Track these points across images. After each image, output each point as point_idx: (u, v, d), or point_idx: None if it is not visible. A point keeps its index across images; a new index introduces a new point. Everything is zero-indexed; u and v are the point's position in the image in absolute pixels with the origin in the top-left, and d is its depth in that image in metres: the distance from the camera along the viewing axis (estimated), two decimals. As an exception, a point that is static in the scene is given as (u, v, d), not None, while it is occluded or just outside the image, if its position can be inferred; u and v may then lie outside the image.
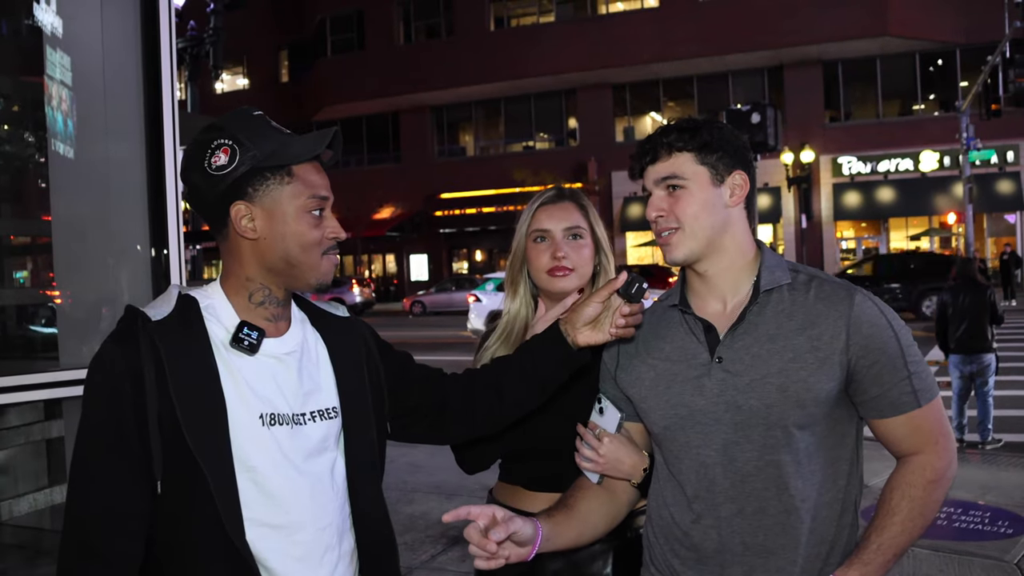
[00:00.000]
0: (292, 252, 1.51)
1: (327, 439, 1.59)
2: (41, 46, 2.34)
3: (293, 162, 1.51)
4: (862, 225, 31.40)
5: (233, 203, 1.49)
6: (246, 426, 1.47)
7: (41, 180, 2.46)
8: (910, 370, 1.62)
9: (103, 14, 2.44)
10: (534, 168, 30.32)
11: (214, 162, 1.47)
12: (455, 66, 32.89)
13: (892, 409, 1.63)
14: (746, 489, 1.65)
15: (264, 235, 1.50)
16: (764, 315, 1.67)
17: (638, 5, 32.32)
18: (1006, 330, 15.54)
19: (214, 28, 9.53)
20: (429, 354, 17.13)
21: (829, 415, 1.64)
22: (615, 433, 1.84)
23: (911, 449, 1.65)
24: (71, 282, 2.47)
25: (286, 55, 39.72)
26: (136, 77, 2.40)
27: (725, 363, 1.66)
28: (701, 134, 1.69)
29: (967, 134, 23.41)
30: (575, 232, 2.17)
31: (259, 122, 1.53)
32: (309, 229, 1.52)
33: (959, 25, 27.99)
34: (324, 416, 1.59)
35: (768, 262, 1.71)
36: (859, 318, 1.61)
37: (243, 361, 1.50)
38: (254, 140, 1.49)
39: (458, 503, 6.10)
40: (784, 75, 30.51)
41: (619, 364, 1.85)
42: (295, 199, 1.51)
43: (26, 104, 2.49)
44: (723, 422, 1.66)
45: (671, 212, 1.69)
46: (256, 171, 1.48)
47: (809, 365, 1.61)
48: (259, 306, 1.55)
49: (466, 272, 35.42)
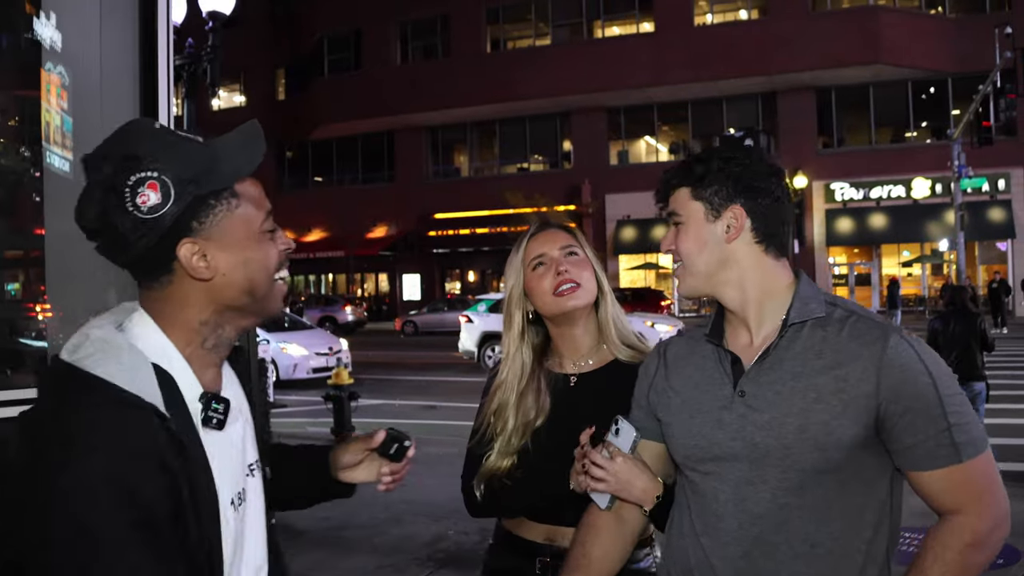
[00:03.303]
0: (257, 281, 1.31)
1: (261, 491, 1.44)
2: (38, 60, 2.34)
3: (235, 181, 1.29)
4: (855, 251, 31.54)
5: (179, 244, 1.24)
6: (224, 513, 1.28)
7: (36, 194, 2.44)
8: (950, 421, 1.48)
9: (102, 29, 2.45)
10: (528, 190, 30.41)
11: (142, 203, 1.20)
12: (451, 87, 33.05)
13: (928, 462, 1.50)
14: (753, 531, 1.57)
15: (222, 271, 1.27)
16: (792, 350, 1.58)
17: (634, 30, 32.58)
18: (999, 358, 15.58)
19: (212, 46, 9.55)
20: (421, 374, 17.10)
21: (854, 461, 1.53)
22: (629, 453, 1.77)
23: (951, 507, 1.52)
24: (62, 296, 2.45)
25: (283, 73, 39.85)
26: (133, 93, 2.41)
27: (747, 398, 1.59)
28: (694, 169, 1.65)
29: (959, 162, 23.57)
30: (571, 250, 2.16)
31: (169, 136, 1.28)
32: (269, 249, 1.33)
33: (951, 54, 28.28)
34: (259, 467, 1.44)
35: (802, 293, 1.62)
36: (891, 361, 1.50)
37: (212, 437, 1.28)
38: (180, 163, 1.23)
39: (447, 525, 6.08)
40: (778, 101, 30.74)
41: (653, 384, 1.80)
42: (250, 224, 1.30)
43: (23, 118, 2.48)
44: (739, 458, 1.59)
45: (675, 247, 1.69)
46: (198, 200, 1.24)
47: (832, 407, 1.51)
48: (212, 351, 1.33)
49: (459, 293, 35.40)
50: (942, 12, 30.08)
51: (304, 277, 39.88)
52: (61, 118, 2.40)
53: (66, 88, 2.41)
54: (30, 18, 2.34)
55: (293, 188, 38.29)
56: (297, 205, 36.52)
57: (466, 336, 17.88)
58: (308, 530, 5.90)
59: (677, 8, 31.00)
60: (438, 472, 7.94)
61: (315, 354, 15.68)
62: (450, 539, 5.75)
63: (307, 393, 13.71)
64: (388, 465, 1.61)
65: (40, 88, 2.36)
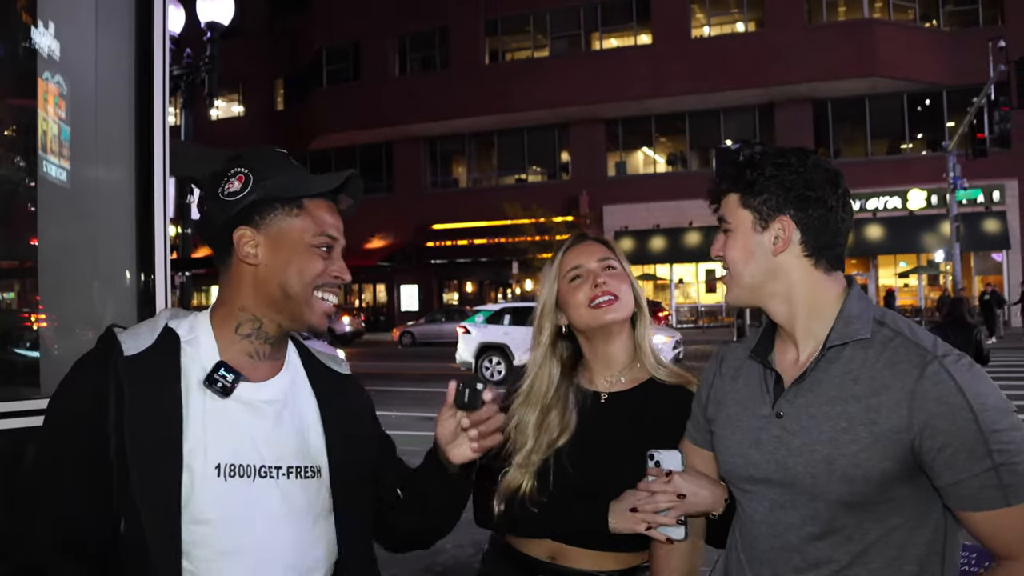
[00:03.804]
0: (292, 283, 1.47)
1: (307, 498, 1.49)
2: (35, 70, 2.33)
3: (304, 195, 1.50)
4: (851, 262, 31.53)
5: (237, 228, 1.47)
6: (202, 477, 1.39)
7: (31, 204, 2.44)
8: (995, 460, 1.35)
9: (98, 39, 2.45)
10: (526, 201, 30.45)
11: (227, 188, 1.48)
12: (449, 98, 33.11)
13: (973, 504, 1.38)
14: (784, 556, 1.51)
15: (266, 262, 1.47)
16: (831, 373, 1.50)
17: (631, 42, 32.67)
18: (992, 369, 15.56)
19: (210, 56, 9.57)
20: (418, 385, 17.05)
21: (890, 497, 1.43)
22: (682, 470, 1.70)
23: (1001, 552, 1.40)
24: (56, 306, 2.44)
25: (282, 84, 39.94)
26: (129, 103, 2.40)
27: (784, 420, 1.53)
28: (745, 174, 1.58)
29: (954, 173, 23.66)
30: (609, 263, 2.08)
31: (279, 158, 1.54)
32: (313, 262, 1.49)
33: (946, 67, 28.40)
34: (301, 474, 1.49)
35: (847, 312, 1.53)
36: (926, 393, 1.39)
37: (214, 404, 1.43)
38: (270, 172, 1.49)
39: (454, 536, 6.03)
40: (775, 113, 30.82)
41: (711, 393, 1.74)
42: (303, 232, 1.49)
43: (18, 127, 2.48)
44: (773, 482, 1.53)
45: (723, 254, 1.62)
46: (265, 200, 1.48)
47: (862, 439, 1.42)
48: (245, 338, 1.50)
49: (456, 304, 35.37)
50: (937, 25, 30.22)
51: (301, 288, 39.81)
52: (58, 127, 2.40)
53: (64, 97, 2.41)
54: (28, 27, 2.34)
55: None
56: (295, 216, 36.46)
57: (463, 347, 17.84)
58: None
59: (675, 20, 31.11)
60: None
61: (312, 365, 15.55)
62: (447, 552, 5.72)
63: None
64: (467, 418, 1.50)
65: (37, 97, 2.35)
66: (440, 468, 1.56)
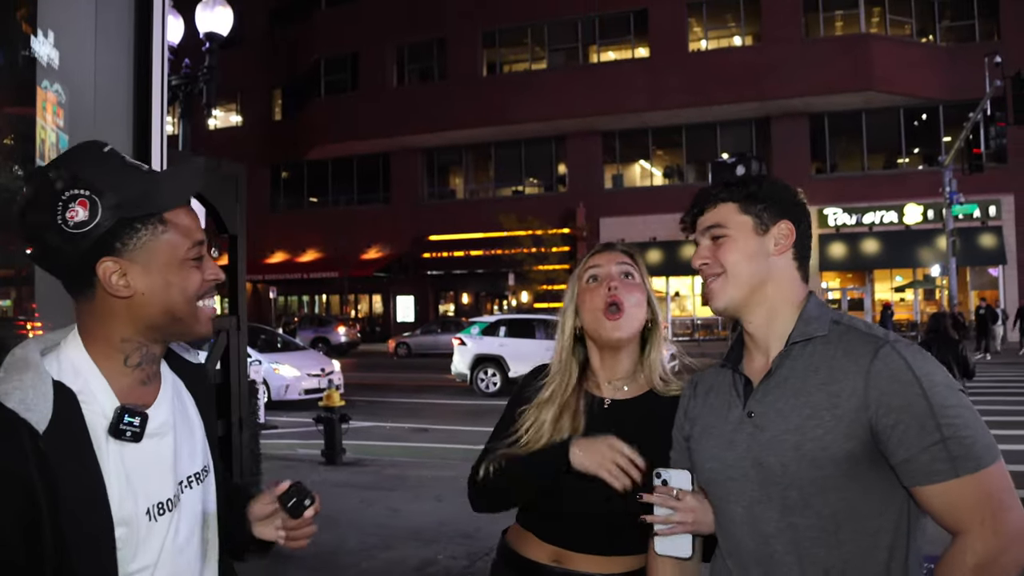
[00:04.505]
0: (176, 304, 1.37)
1: (204, 501, 1.49)
2: (34, 78, 2.34)
3: (165, 209, 1.36)
4: (848, 276, 31.62)
5: (99, 261, 1.31)
6: (134, 527, 1.32)
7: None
8: (944, 434, 1.44)
9: (97, 48, 2.46)
10: (522, 213, 30.50)
11: (71, 218, 1.28)
12: (447, 109, 33.20)
13: (924, 477, 1.46)
14: (768, 551, 1.58)
15: (142, 290, 1.34)
16: (795, 369, 1.60)
17: (629, 55, 32.81)
18: (986, 383, 15.60)
19: (209, 66, 9.58)
20: (413, 396, 17.04)
21: (857, 479, 1.51)
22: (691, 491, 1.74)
23: (954, 526, 1.46)
24: (52, 315, 2.44)
25: (280, 94, 40.01)
26: (127, 111, 2.41)
27: (755, 418, 1.62)
28: (747, 186, 1.69)
29: (950, 188, 23.74)
30: (627, 271, 2.12)
31: (114, 161, 1.35)
32: (191, 275, 1.38)
33: (942, 82, 28.54)
34: (198, 480, 1.47)
35: (807, 313, 1.65)
36: (879, 372, 1.49)
37: (126, 450, 1.33)
38: (115, 186, 1.30)
39: (436, 549, 6.04)
40: (771, 126, 30.94)
41: (687, 415, 1.83)
42: (175, 249, 1.36)
43: (16, 136, 2.48)
44: (749, 479, 1.61)
45: (714, 258, 1.69)
46: (124, 223, 1.31)
47: (826, 423, 1.51)
48: (136, 368, 1.39)
49: (452, 315, 35.37)
50: (933, 41, 30.38)
51: (298, 298, 39.83)
52: (56, 135, 2.40)
53: (62, 106, 2.42)
54: (27, 36, 2.34)
55: (288, 208, 38.36)
56: (292, 225, 36.54)
57: (459, 359, 17.84)
58: (296, 555, 5.85)
59: (672, 34, 31.27)
60: (428, 496, 7.90)
61: (307, 375, 15.53)
62: (439, 564, 5.70)
63: (298, 414, 13.64)
64: (287, 519, 1.55)
65: (36, 106, 2.36)
66: (244, 523, 1.61)
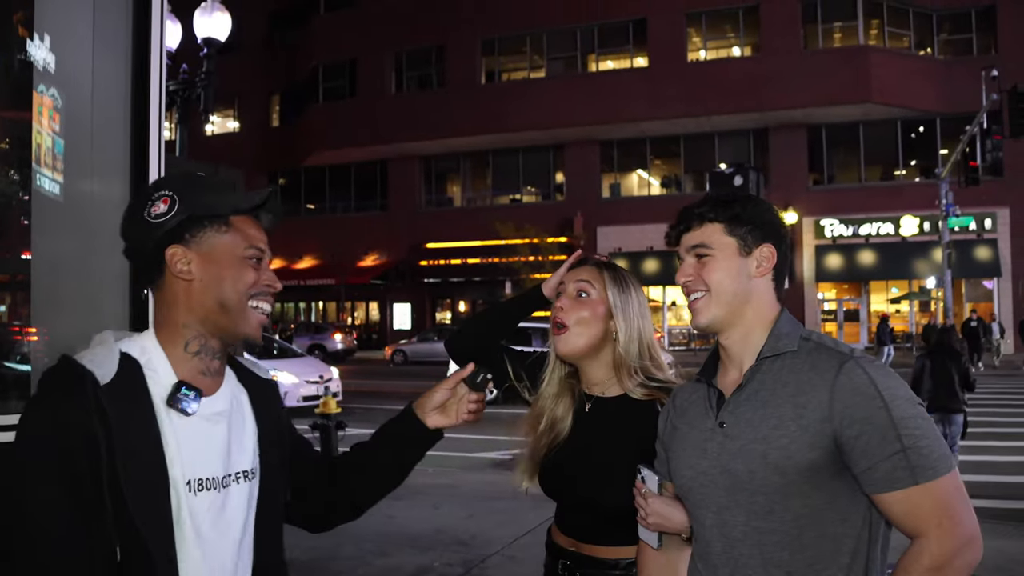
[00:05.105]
0: (228, 295, 1.53)
1: (248, 500, 1.59)
2: (30, 82, 2.33)
3: (231, 213, 1.56)
4: (844, 287, 31.67)
5: (168, 246, 1.52)
6: (182, 494, 1.45)
7: (24, 217, 2.43)
8: (904, 444, 1.52)
9: (95, 53, 2.45)
10: (520, 221, 30.52)
11: (153, 211, 1.52)
12: (445, 117, 33.24)
13: (885, 485, 1.54)
14: (734, 555, 1.67)
15: (200, 277, 1.52)
16: (765, 382, 1.68)
17: (628, 64, 32.90)
18: (982, 395, 15.60)
19: (206, 72, 9.58)
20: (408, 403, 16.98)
21: (820, 487, 1.59)
22: (657, 493, 1.90)
23: (912, 531, 1.55)
24: (48, 320, 2.43)
25: (278, 100, 40.04)
26: (124, 116, 2.40)
27: (726, 428, 1.70)
28: (732, 207, 1.76)
29: (946, 201, 23.80)
30: (581, 289, 2.26)
31: (200, 180, 1.61)
32: (246, 272, 1.55)
33: (939, 95, 28.66)
34: (245, 478, 1.58)
35: (778, 330, 1.73)
36: (843, 386, 1.57)
37: (180, 421, 1.48)
38: (194, 192, 1.54)
39: (432, 557, 6.02)
40: (769, 137, 31.02)
41: (665, 429, 1.93)
42: (234, 247, 1.55)
43: (12, 140, 2.47)
44: (718, 485, 1.69)
45: (698, 277, 1.76)
46: (194, 219, 1.53)
47: (791, 432, 1.59)
48: (195, 356, 1.54)
49: (449, 322, 35.35)
50: (931, 54, 30.52)
51: (295, 304, 39.78)
52: (52, 140, 2.39)
53: (58, 110, 2.41)
54: (23, 40, 2.34)
55: (285, 215, 36.48)
56: (288, 232, 36.51)
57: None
58: (294, 561, 5.80)
59: (671, 44, 31.35)
60: (425, 503, 7.89)
61: (305, 382, 15.38)
62: (435, 571, 5.68)
63: (296, 421, 13.46)
64: (474, 394, 1.91)
65: (32, 110, 2.35)
66: (414, 419, 1.89)
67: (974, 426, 8.71)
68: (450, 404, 1.92)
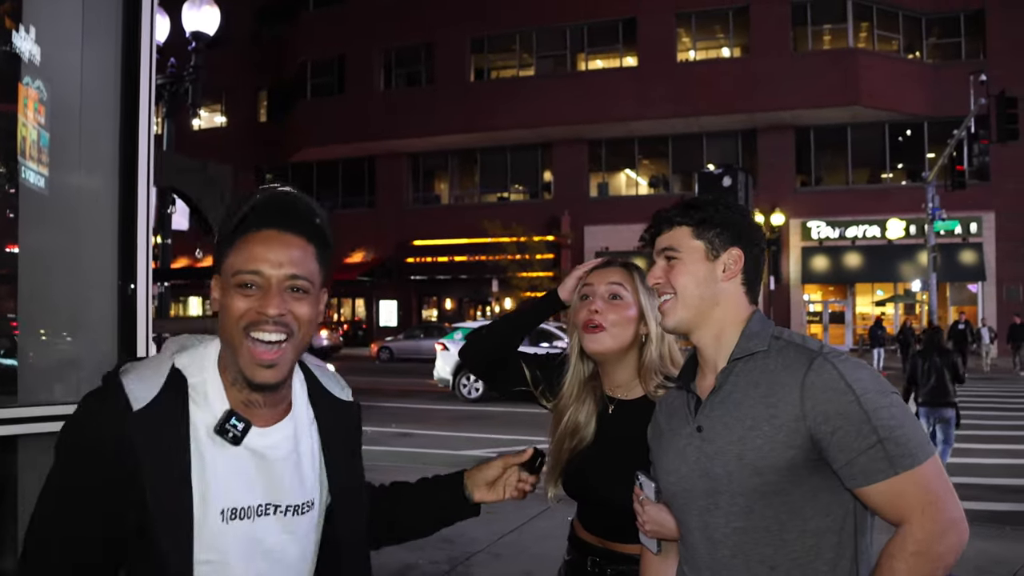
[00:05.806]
0: (224, 328, 1.42)
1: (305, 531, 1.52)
2: (16, 75, 2.31)
3: (244, 231, 1.43)
4: (829, 289, 31.82)
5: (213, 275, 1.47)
6: (206, 523, 1.39)
7: (9, 210, 2.41)
8: (880, 435, 1.53)
9: (83, 46, 2.43)
10: (507, 219, 30.51)
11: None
12: (433, 115, 33.19)
13: (864, 478, 1.55)
14: (718, 556, 1.68)
15: (217, 308, 1.44)
16: (738, 384, 1.69)
17: (617, 64, 32.93)
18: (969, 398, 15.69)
19: (194, 66, 9.53)
20: (395, 401, 16.97)
21: (800, 484, 1.60)
22: (655, 501, 1.90)
23: (896, 519, 1.55)
24: (34, 314, 2.41)
25: (265, 95, 39.88)
26: (113, 111, 2.38)
27: (703, 431, 1.71)
28: (702, 211, 1.77)
29: (932, 204, 23.91)
30: (614, 291, 2.27)
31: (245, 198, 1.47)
32: (235, 302, 1.40)
33: (927, 99, 28.83)
34: (298, 511, 1.49)
35: (748, 330, 1.73)
36: (813, 383, 1.58)
37: (221, 451, 1.41)
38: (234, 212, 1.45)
39: (417, 555, 6.00)
40: (757, 139, 31.12)
41: (654, 433, 1.94)
42: (228, 271, 1.42)
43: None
44: (698, 489, 1.70)
45: (666, 279, 1.77)
46: (222, 240, 1.45)
47: (765, 433, 1.60)
48: (232, 386, 1.45)
49: (435, 320, 35.31)
50: (920, 57, 30.69)
51: (280, 300, 39.59)
52: (38, 133, 2.37)
53: (44, 103, 2.38)
54: (8, 32, 2.31)
55: None
56: (275, 228, 36.27)
57: (442, 364, 17.79)
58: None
59: (660, 44, 31.40)
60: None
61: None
62: (420, 568, 5.67)
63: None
64: (530, 476, 1.90)
65: (17, 102, 2.32)
66: (463, 489, 1.86)
67: (960, 429, 8.97)
68: (499, 481, 1.90)
